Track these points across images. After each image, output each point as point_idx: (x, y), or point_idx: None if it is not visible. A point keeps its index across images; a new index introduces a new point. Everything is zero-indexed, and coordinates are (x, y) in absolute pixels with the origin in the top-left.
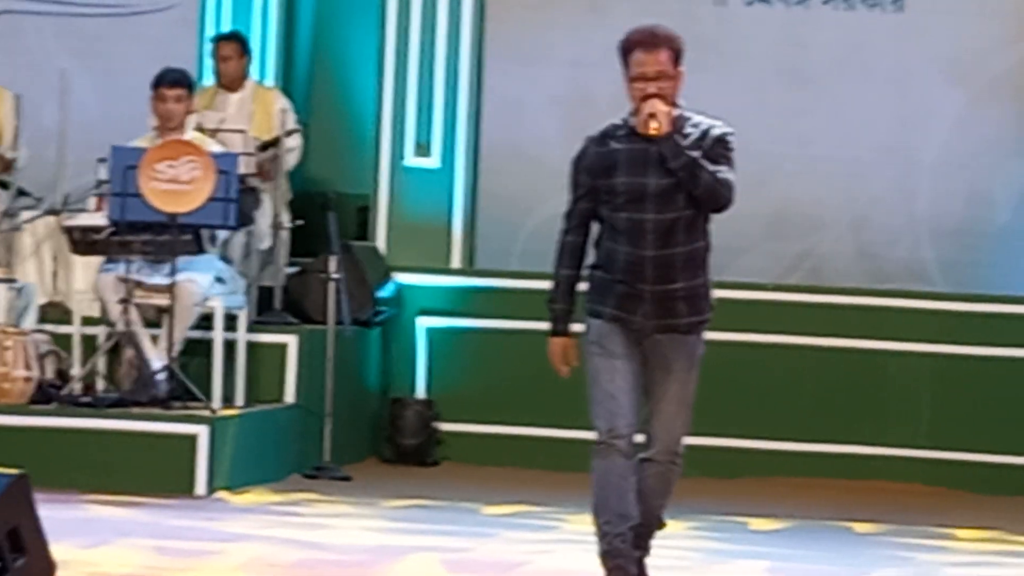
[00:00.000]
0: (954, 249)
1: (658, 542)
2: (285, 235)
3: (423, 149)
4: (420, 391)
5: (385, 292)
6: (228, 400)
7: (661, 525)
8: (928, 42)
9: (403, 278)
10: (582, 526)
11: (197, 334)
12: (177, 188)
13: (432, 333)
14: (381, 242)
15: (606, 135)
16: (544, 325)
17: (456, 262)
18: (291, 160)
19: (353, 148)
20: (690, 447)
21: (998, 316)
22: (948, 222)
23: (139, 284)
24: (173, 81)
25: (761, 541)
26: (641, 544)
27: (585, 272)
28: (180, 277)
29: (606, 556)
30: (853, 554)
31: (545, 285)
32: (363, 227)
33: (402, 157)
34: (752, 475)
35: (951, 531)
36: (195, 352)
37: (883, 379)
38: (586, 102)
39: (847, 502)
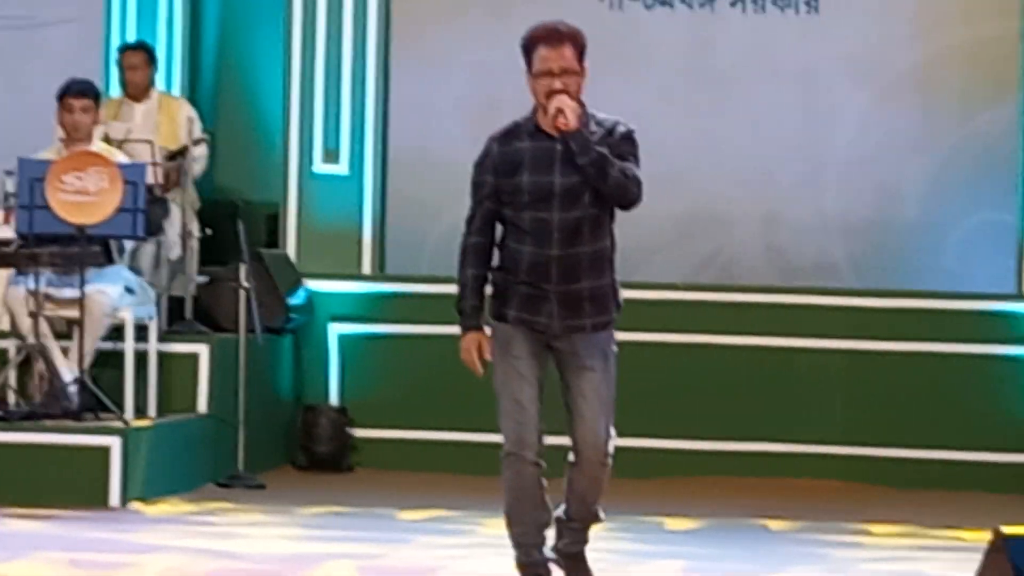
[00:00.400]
0: (863, 245)
1: None
2: (195, 244)
3: (331, 156)
4: (333, 398)
5: (296, 299)
6: (140, 411)
7: (597, 520)
8: (834, 41)
9: (314, 285)
10: (497, 530)
11: (108, 345)
12: (85, 200)
13: (344, 339)
14: (291, 249)
15: (510, 134)
16: (455, 329)
17: (367, 268)
18: (198, 169)
19: (261, 156)
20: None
21: (908, 311)
22: (857, 218)
23: (48, 297)
24: (79, 91)
25: (677, 541)
26: (578, 539)
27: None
28: (89, 289)
29: (523, 566)
30: (768, 552)
31: (454, 290)
32: (273, 235)
33: (310, 164)
34: (667, 475)
35: (866, 526)
36: (106, 364)
37: (795, 376)
38: (492, 105)
39: (762, 500)
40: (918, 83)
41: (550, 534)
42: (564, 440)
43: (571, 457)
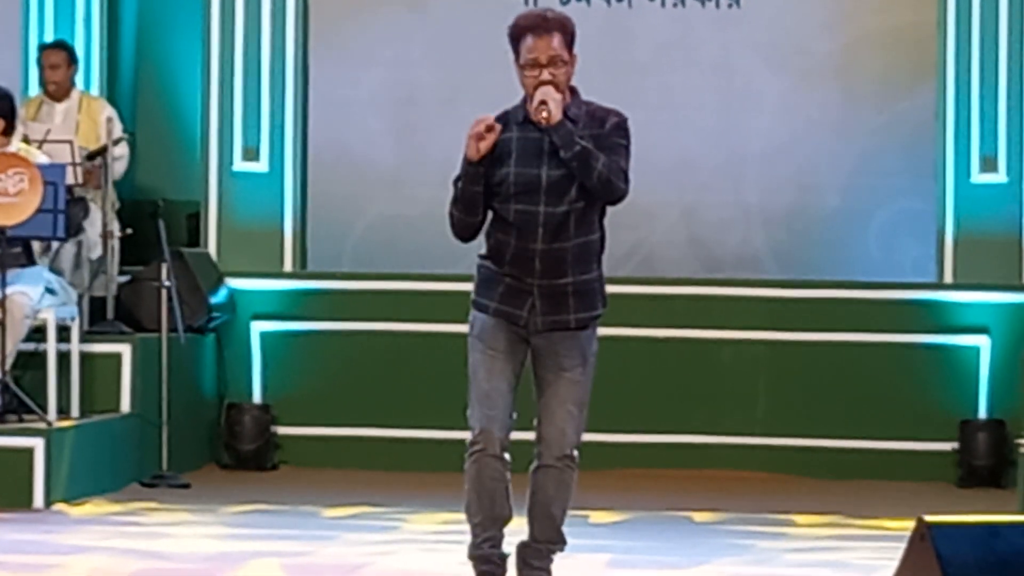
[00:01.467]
0: (784, 235)
1: None
2: (115, 244)
3: (251, 154)
4: (256, 396)
5: (218, 298)
6: (63, 412)
7: (561, 542)
8: (751, 30)
9: (235, 283)
10: (422, 525)
11: (30, 347)
12: (4, 201)
13: (266, 337)
14: (212, 248)
15: (499, 122)
16: (379, 325)
17: (288, 265)
18: (119, 168)
19: (181, 155)
20: (525, 442)
21: (829, 301)
22: (777, 208)
23: None
24: None
25: (601, 534)
26: (539, 565)
27: (475, 262)
28: (10, 290)
29: (474, 559)
30: (693, 544)
31: (377, 285)
32: (194, 233)
33: (231, 162)
34: (591, 468)
35: (790, 517)
36: (28, 365)
37: (718, 368)
38: (410, 101)
39: (686, 492)
40: (836, 71)
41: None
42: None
43: (535, 462)
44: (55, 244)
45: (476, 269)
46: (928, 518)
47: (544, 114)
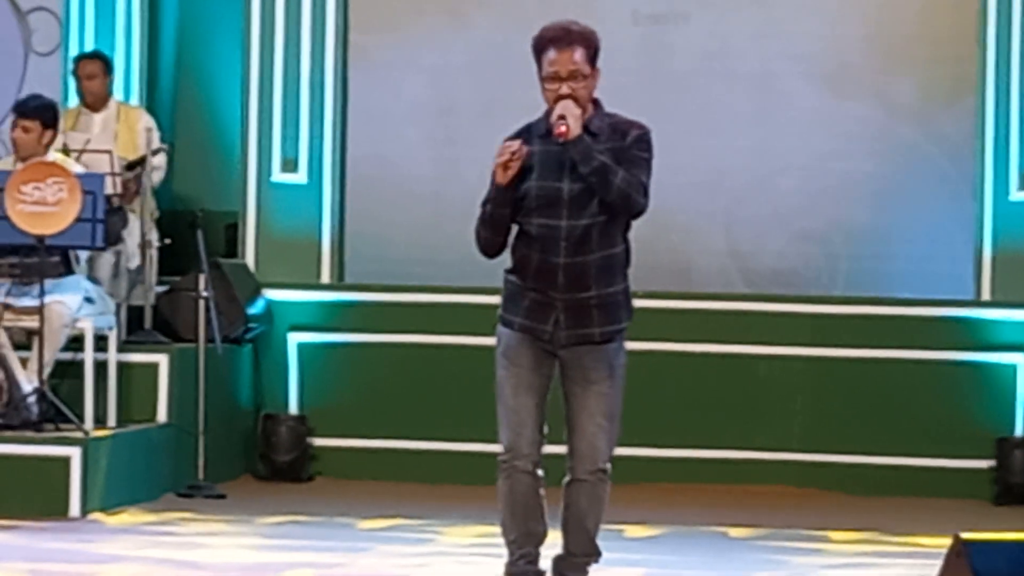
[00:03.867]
0: (821, 250)
1: None
2: (154, 254)
3: (290, 164)
4: (293, 407)
5: (255, 308)
6: (100, 421)
7: (597, 555)
8: (789, 43)
9: (273, 294)
10: (457, 538)
11: (68, 356)
12: (44, 210)
13: (303, 348)
14: (250, 259)
15: (520, 136)
16: (415, 338)
17: (326, 277)
18: (157, 179)
19: (220, 165)
20: (558, 456)
21: (866, 317)
22: (815, 222)
23: (7, 307)
24: (21, 112)
25: (637, 548)
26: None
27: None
28: (49, 299)
29: None
30: (728, 559)
31: (414, 298)
32: (232, 244)
33: (269, 173)
34: (627, 482)
35: (825, 533)
36: (66, 374)
37: (754, 383)
38: (449, 112)
39: (721, 507)
40: (875, 85)
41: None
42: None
43: (567, 476)
44: (91, 253)
45: (503, 283)
46: (964, 535)
47: (563, 128)
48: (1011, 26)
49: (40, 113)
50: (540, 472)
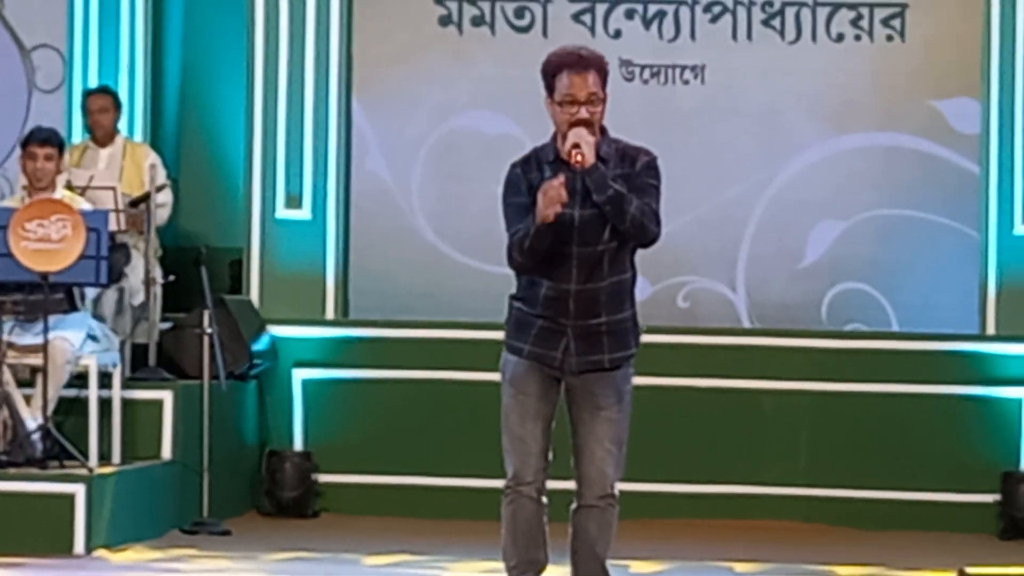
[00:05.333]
0: (827, 285)
1: None
2: (158, 291)
3: (294, 201)
4: (298, 443)
5: (260, 345)
6: (105, 458)
7: None
8: (795, 80)
9: (278, 330)
10: (463, 574)
11: (71, 393)
12: (48, 247)
13: (308, 384)
14: (254, 295)
15: (529, 162)
16: (420, 373)
17: (330, 313)
18: (162, 215)
19: (224, 201)
20: (563, 491)
21: (871, 352)
22: (820, 258)
23: (11, 344)
24: (43, 139)
25: None
26: None
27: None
28: (52, 336)
29: None
30: None
31: (419, 334)
32: (236, 280)
33: (273, 209)
34: (633, 517)
35: (832, 568)
36: (70, 411)
37: (759, 418)
38: (452, 147)
39: (727, 542)
40: (879, 121)
41: None
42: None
43: (575, 503)
44: (95, 290)
45: (508, 310)
46: (969, 570)
47: (579, 157)
48: (1015, 62)
49: (59, 139)
50: (544, 500)
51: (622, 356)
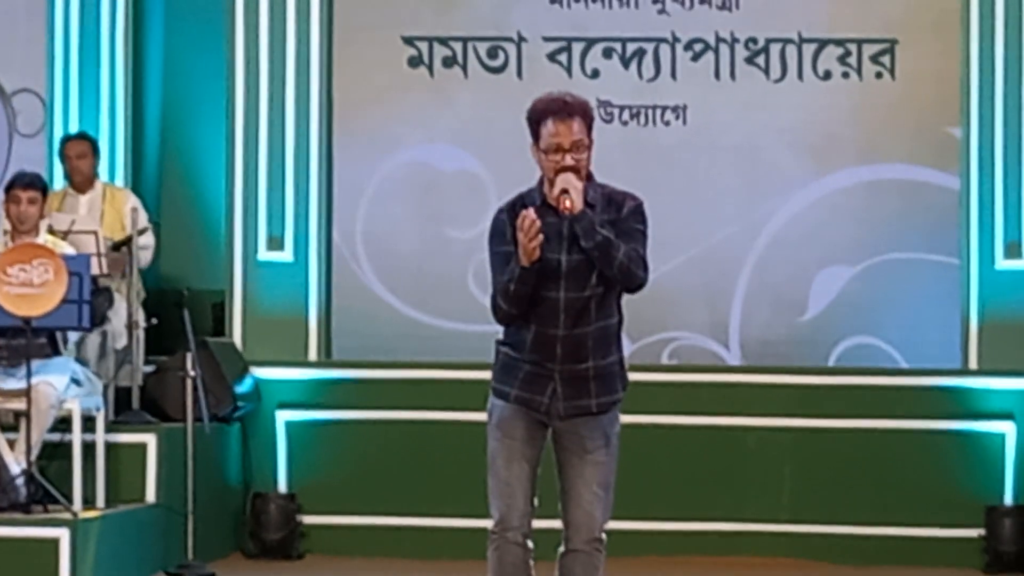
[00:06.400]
0: (808, 319)
1: None
2: (140, 334)
3: (276, 243)
4: (282, 485)
5: (243, 387)
6: (89, 502)
7: None
8: (775, 114)
9: (261, 372)
10: None
11: (55, 437)
12: (30, 292)
13: (292, 426)
14: (237, 337)
15: (515, 207)
16: (404, 414)
17: (313, 354)
18: (144, 258)
19: (206, 244)
20: (550, 531)
21: (854, 387)
22: (801, 293)
23: None
24: (27, 183)
25: None
26: None
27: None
28: (35, 380)
29: None
30: None
31: (402, 374)
32: (219, 323)
33: (255, 252)
34: (617, 555)
35: None
36: (54, 455)
37: (742, 455)
38: (433, 188)
39: None
40: (860, 156)
41: None
42: (557, 524)
43: (562, 547)
44: (78, 334)
45: (495, 354)
46: None
47: (568, 204)
48: (994, 97)
49: (42, 183)
50: (530, 544)
51: (609, 401)
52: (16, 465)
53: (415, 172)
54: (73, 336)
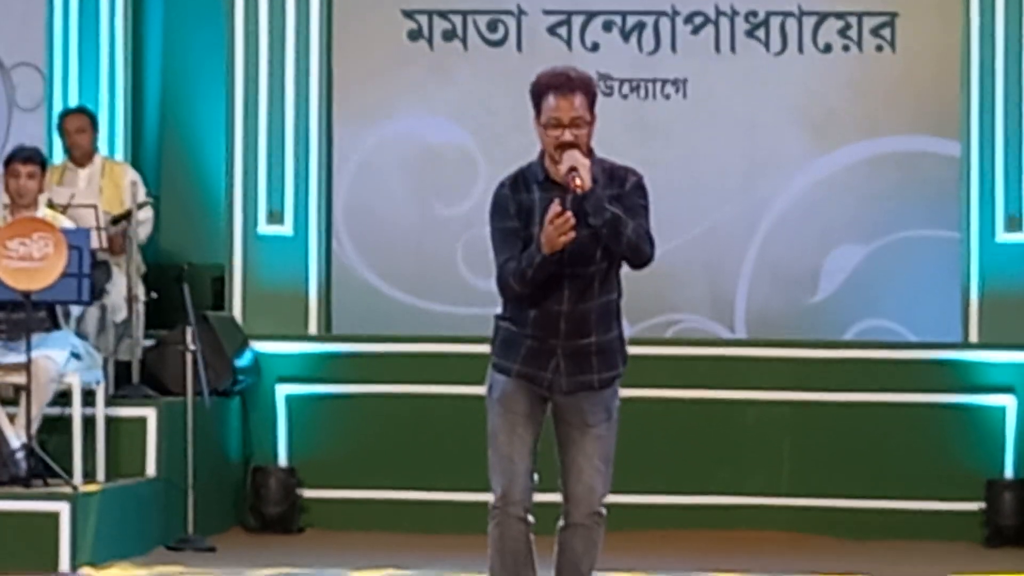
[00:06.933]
0: (808, 295)
1: None
2: (140, 308)
3: (276, 217)
4: (282, 459)
5: (243, 361)
6: (89, 476)
7: None
8: (775, 89)
9: (260, 346)
10: None
11: (55, 411)
12: (30, 265)
13: (292, 400)
14: (237, 311)
15: (517, 181)
16: (404, 388)
17: (313, 328)
18: (143, 233)
19: (206, 218)
20: (550, 504)
21: (854, 361)
22: (801, 268)
23: None
24: (26, 158)
25: None
26: None
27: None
28: (35, 354)
29: None
30: None
31: (401, 348)
32: (219, 297)
33: (255, 226)
34: (616, 529)
35: None
36: (54, 429)
37: (741, 428)
38: (433, 162)
39: (710, 553)
40: (860, 130)
41: None
42: (557, 497)
43: (562, 520)
44: (80, 308)
45: (494, 329)
46: None
47: (578, 182)
48: (994, 72)
49: (41, 157)
50: (531, 519)
51: (610, 376)
52: (16, 439)
53: (414, 146)
54: (75, 311)
